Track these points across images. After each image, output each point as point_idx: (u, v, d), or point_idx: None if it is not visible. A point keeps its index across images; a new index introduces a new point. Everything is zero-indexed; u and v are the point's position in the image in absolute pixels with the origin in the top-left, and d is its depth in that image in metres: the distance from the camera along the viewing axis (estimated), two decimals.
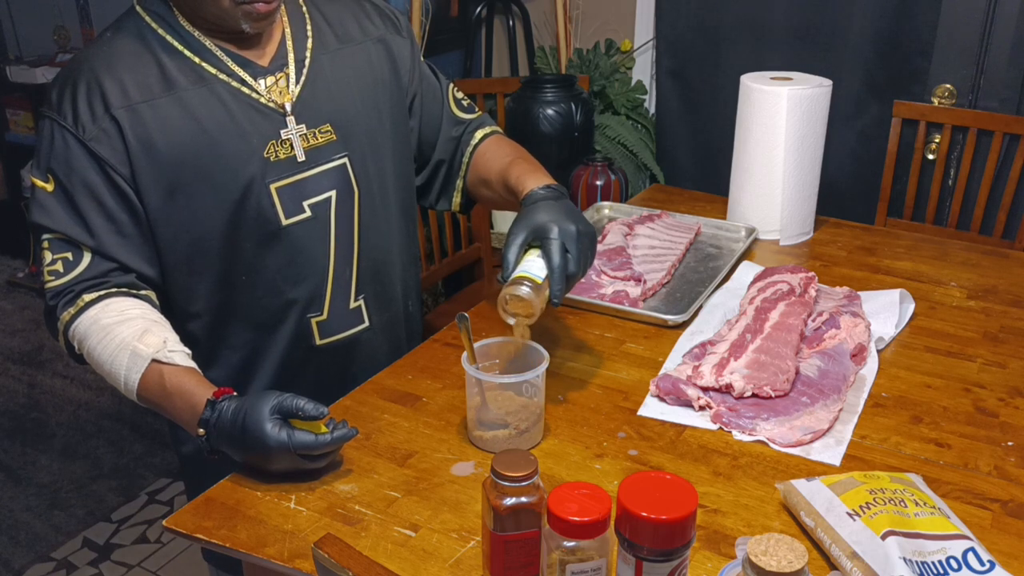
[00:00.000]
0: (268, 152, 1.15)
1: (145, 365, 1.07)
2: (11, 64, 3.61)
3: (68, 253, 1.12)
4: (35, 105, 3.61)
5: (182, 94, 1.12)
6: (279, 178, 1.17)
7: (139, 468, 2.62)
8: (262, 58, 1.17)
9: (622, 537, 0.75)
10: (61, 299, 1.12)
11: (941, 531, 0.87)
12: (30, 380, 3.08)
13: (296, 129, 1.17)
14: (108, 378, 1.12)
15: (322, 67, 1.21)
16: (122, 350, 1.08)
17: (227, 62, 1.15)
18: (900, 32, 2.29)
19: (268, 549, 0.93)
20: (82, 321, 1.11)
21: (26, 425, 2.82)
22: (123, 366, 1.08)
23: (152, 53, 1.13)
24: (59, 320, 1.12)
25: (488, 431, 1.08)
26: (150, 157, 1.11)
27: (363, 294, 1.28)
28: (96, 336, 1.10)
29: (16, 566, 2.25)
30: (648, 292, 1.49)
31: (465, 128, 1.39)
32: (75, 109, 1.09)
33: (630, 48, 2.81)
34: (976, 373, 1.28)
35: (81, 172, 1.10)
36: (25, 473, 2.60)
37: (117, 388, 1.11)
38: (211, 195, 1.14)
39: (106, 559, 2.28)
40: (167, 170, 1.12)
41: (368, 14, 1.29)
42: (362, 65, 1.25)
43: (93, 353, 1.11)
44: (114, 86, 1.10)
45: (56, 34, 3.78)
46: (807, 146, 1.73)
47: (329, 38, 1.23)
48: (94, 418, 2.86)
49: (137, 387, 1.08)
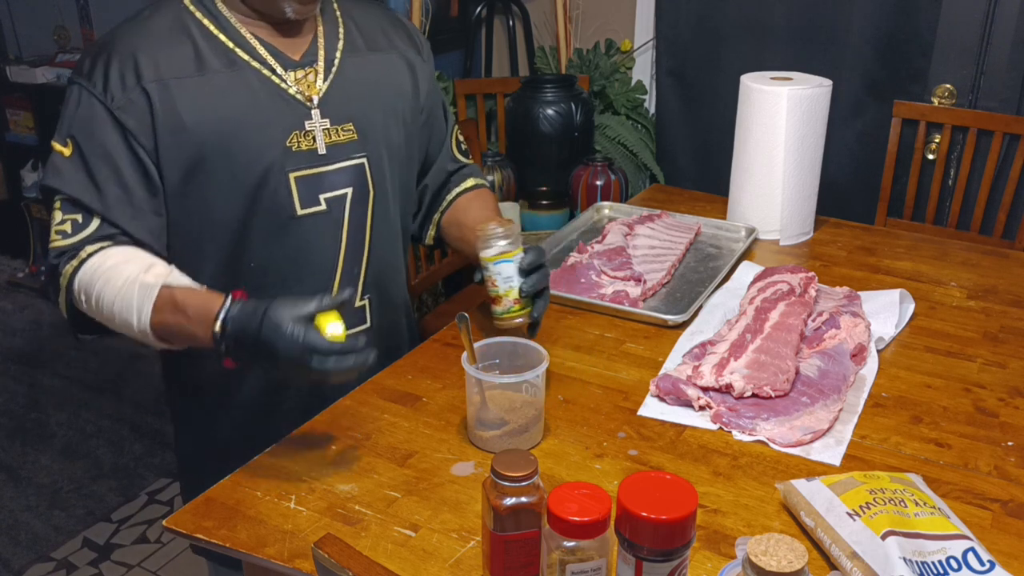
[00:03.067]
0: (291, 141, 1.17)
1: (155, 293, 1.07)
2: (11, 64, 3.61)
3: (78, 215, 1.12)
4: (35, 105, 3.60)
5: (213, 76, 1.14)
6: (298, 168, 1.18)
7: (139, 468, 2.62)
8: (294, 52, 1.20)
9: (622, 537, 0.75)
10: (64, 257, 1.13)
11: (941, 531, 0.87)
12: (30, 380, 3.08)
13: (320, 123, 1.20)
14: (117, 320, 1.10)
15: (349, 68, 1.24)
16: (130, 285, 1.08)
17: (260, 50, 1.17)
18: (900, 32, 2.29)
19: (268, 549, 0.93)
20: (85, 270, 1.11)
21: (26, 425, 2.82)
22: (134, 298, 1.07)
23: (188, 34, 1.15)
24: (62, 275, 1.13)
25: (488, 431, 1.08)
26: (175, 133, 1.12)
27: (368, 294, 1.29)
28: (103, 278, 1.09)
29: (16, 566, 2.25)
30: (648, 292, 1.49)
31: (459, 169, 1.43)
32: (106, 78, 1.11)
33: (630, 48, 2.81)
34: (976, 373, 1.28)
35: (102, 139, 1.11)
36: (25, 473, 2.60)
37: (128, 331, 1.10)
38: (230, 177, 1.15)
39: (106, 559, 2.28)
40: (190, 148, 1.13)
41: (396, 29, 1.33)
42: (386, 74, 1.28)
43: (102, 296, 1.10)
44: (148, 61, 1.12)
45: (56, 34, 3.78)
46: (807, 146, 1.73)
47: (359, 43, 1.27)
48: (94, 418, 2.86)
49: (151, 314, 1.07)
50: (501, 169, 2.65)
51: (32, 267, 3.84)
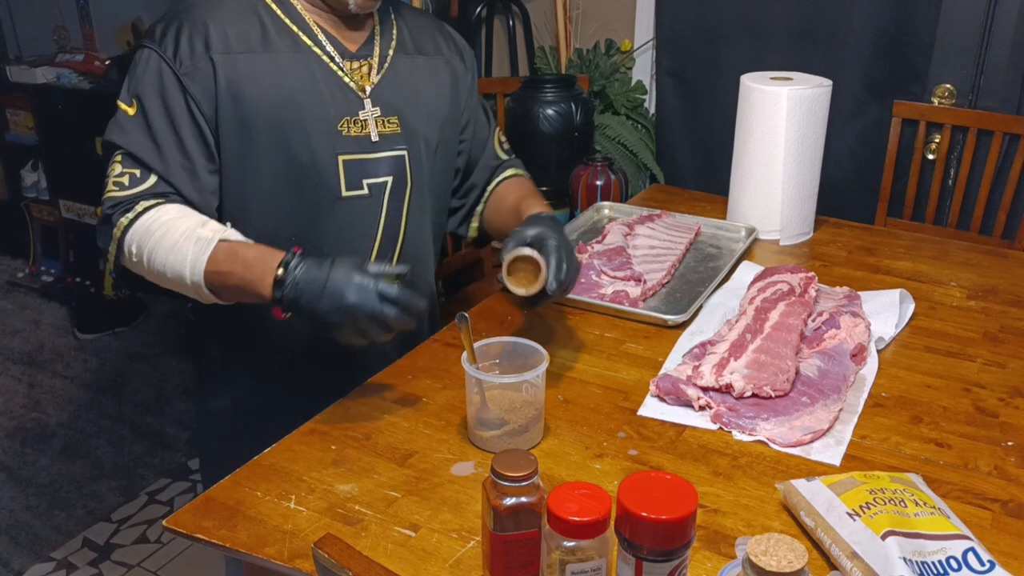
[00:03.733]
0: (342, 126, 1.24)
1: (212, 246, 1.11)
2: (11, 64, 3.60)
3: (137, 170, 1.18)
4: (35, 105, 3.60)
5: (277, 55, 1.21)
6: (347, 152, 1.25)
7: (139, 468, 2.62)
8: (352, 44, 1.28)
9: (622, 537, 0.75)
10: (119, 208, 1.17)
11: (941, 531, 0.87)
12: (30, 380, 3.08)
13: (371, 112, 1.27)
14: (169, 273, 1.13)
15: (400, 67, 1.32)
16: (186, 239, 1.12)
17: (321, 38, 1.25)
18: (900, 32, 2.29)
19: (268, 549, 0.93)
20: (141, 223, 1.15)
21: (26, 425, 2.82)
22: (189, 252, 1.11)
23: (257, 15, 1.22)
24: (115, 226, 1.16)
25: (488, 431, 1.08)
26: (236, 104, 1.18)
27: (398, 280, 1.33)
28: (158, 232, 1.13)
29: (16, 566, 2.25)
30: (648, 292, 1.49)
31: (500, 164, 1.50)
32: (177, 44, 1.17)
33: (630, 48, 2.81)
34: (976, 373, 1.28)
35: (168, 101, 1.17)
36: (25, 473, 2.60)
37: (179, 284, 1.13)
38: (283, 153, 1.21)
39: (106, 559, 2.28)
40: (249, 120, 1.19)
41: (444, 36, 1.41)
42: (430, 76, 1.36)
43: (156, 250, 1.13)
44: (218, 32, 1.18)
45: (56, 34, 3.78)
46: (807, 146, 1.73)
47: (409, 45, 1.35)
48: (94, 418, 2.86)
49: (205, 266, 1.10)
50: None
51: (32, 267, 3.84)
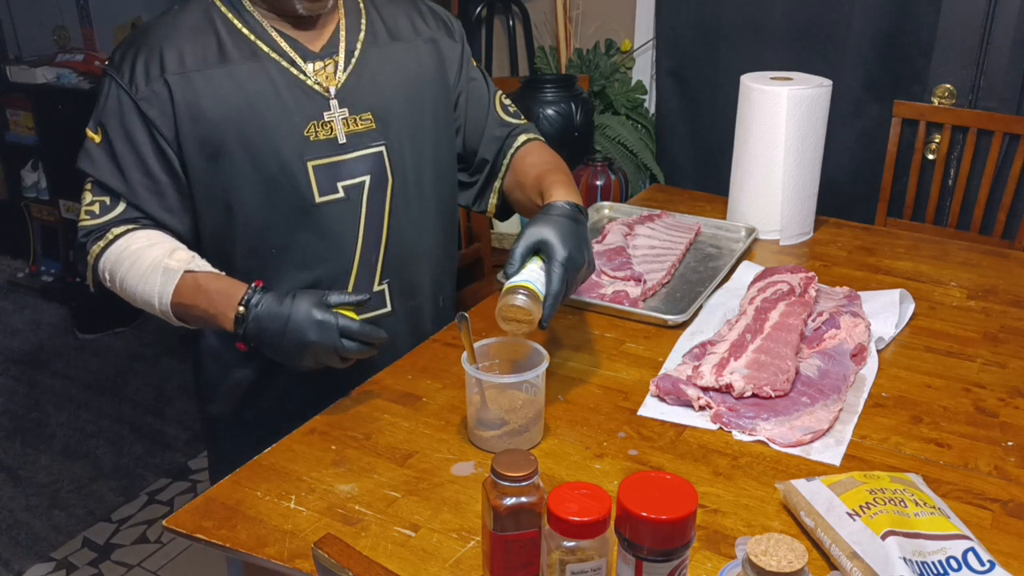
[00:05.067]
0: (309, 131, 1.22)
1: (178, 277, 1.15)
2: (11, 64, 3.60)
3: (106, 198, 1.20)
4: (35, 105, 3.60)
5: (234, 67, 1.19)
6: (317, 157, 1.23)
7: (139, 468, 2.62)
8: (314, 43, 1.24)
9: (622, 537, 0.75)
10: (91, 237, 1.21)
11: (941, 531, 0.87)
12: (30, 380, 3.08)
13: (339, 112, 1.24)
14: (140, 300, 1.18)
15: (370, 59, 1.28)
16: (154, 270, 1.15)
17: (280, 43, 1.22)
18: (900, 32, 2.29)
19: (268, 549, 0.93)
20: (112, 251, 1.19)
21: (26, 425, 2.82)
22: (156, 283, 1.15)
23: (213, 28, 1.21)
24: (89, 254, 1.21)
25: (488, 431, 1.08)
26: (196, 122, 1.18)
27: (388, 279, 1.33)
28: (128, 261, 1.17)
29: (16, 566, 2.25)
30: (648, 292, 1.49)
31: (510, 131, 1.43)
32: (132, 70, 1.18)
33: (630, 48, 2.81)
34: (976, 373, 1.28)
35: (128, 128, 1.18)
36: (25, 473, 2.60)
37: (150, 310, 1.18)
38: (250, 165, 1.20)
39: (106, 559, 2.28)
40: (211, 137, 1.18)
41: (423, 15, 1.37)
42: (410, 63, 1.32)
43: (126, 279, 1.17)
44: (172, 54, 1.18)
45: (56, 34, 3.78)
46: (807, 146, 1.73)
47: (381, 34, 1.31)
48: (94, 418, 2.86)
49: (171, 298, 1.15)
50: None
51: (32, 267, 3.84)
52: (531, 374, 1.07)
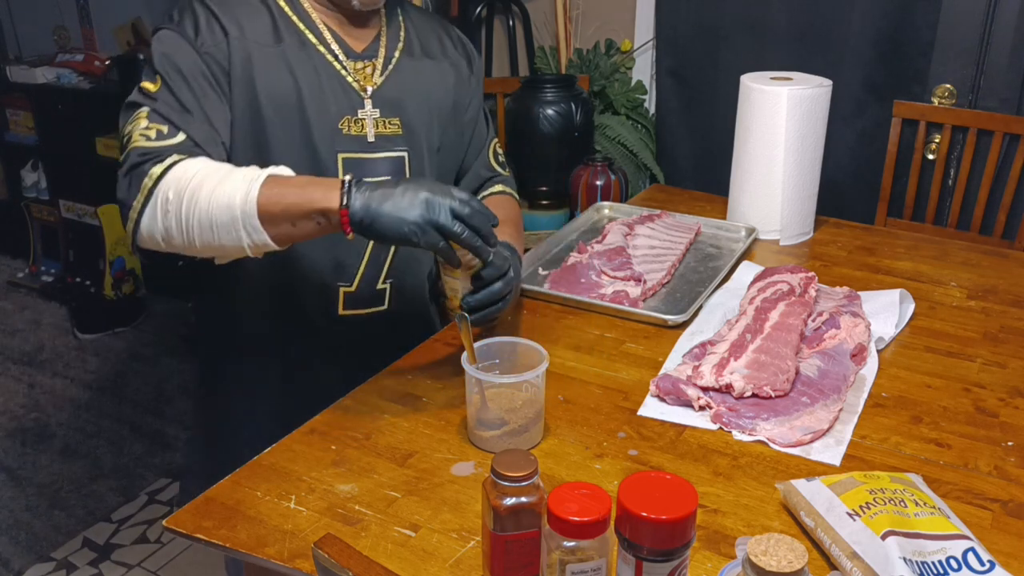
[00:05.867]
0: (343, 124, 1.27)
1: (263, 177, 1.07)
2: (11, 64, 3.61)
3: (164, 127, 1.17)
4: (35, 105, 3.60)
5: (286, 50, 1.24)
6: (347, 150, 1.28)
7: (139, 468, 2.62)
8: (357, 44, 1.30)
9: (622, 537, 0.75)
10: (150, 158, 1.13)
11: (941, 531, 0.87)
12: (30, 380, 3.08)
13: (371, 113, 1.29)
14: (214, 209, 1.07)
15: (404, 68, 1.33)
16: (232, 173, 1.09)
17: (327, 36, 1.27)
18: (900, 32, 2.29)
19: (268, 549, 0.93)
20: (178, 169, 1.11)
21: (26, 425, 2.82)
22: (239, 183, 1.07)
23: (267, 8, 1.25)
24: (148, 175, 1.11)
25: (488, 431, 1.08)
26: (247, 89, 1.21)
27: (391, 279, 1.36)
28: (201, 173, 1.09)
29: (16, 566, 2.25)
30: (648, 292, 1.49)
31: (491, 177, 1.50)
32: (196, 25, 1.20)
33: (630, 48, 2.81)
34: (976, 373, 1.28)
35: (190, 76, 1.18)
36: (25, 473, 2.60)
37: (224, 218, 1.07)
38: (285, 146, 1.24)
39: (106, 559, 2.28)
40: (257, 107, 1.22)
41: (451, 39, 1.43)
42: (435, 79, 1.37)
43: (198, 190, 1.08)
44: (232, 22, 1.21)
45: (56, 34, 3.78)
46: (807, 146, 1.73)
47: (415, 47, 1.36)
48: (94, 418, 2.86)
49: (257, 195, 1.06)
50: None
51: (32, 267, 3.84)
52: (531, 374, 1.07)
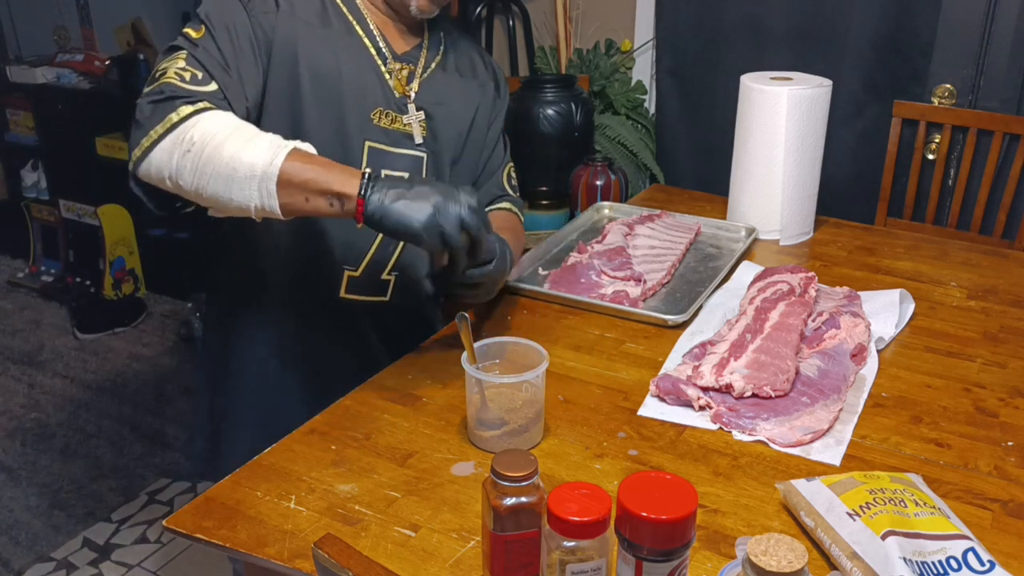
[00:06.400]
0: (375, 115, 1.31)
1: (289, 147, 1.08)
2: (11, 64, 3.61)
3: (200, 72, 1.16)
4: (35, 105, 3.60)
5: (332, 34, 1.28)
6: (373, 139, 1.31)
7: (139, 468, 2.62)
8: (400, 47, 1.34)
9: (622, 537, 0.75)
10: (180, 96, 1.12)
11: (941, 531, 0.87)
12: (30, 380, 3.08)
13: (415, 115, 1.34)
14: (237, 164, 1.07)
15: (438, 79, 1.39)
16: (261, 136, 1.09)
17: (374, 31, 1.31)
18: (900, 32, 2.29)
19: (268, 549, 0.93)
20: (211, 114, 1.11)
21: (26, 425, 2.82)
22: (265, 148, 1.07)
23: None
24: (175, 110, 1.10)
25: (488, 431, 1.08)
26: (288, 65, 1.24)
27: (396, 272, 1.38)
28: (228, 128, 1.09)
29: (16, 566, 2.25)
30: (648, 292, 1.49)
31: (501, 195, 1.53)
32: None
33: (630, 48, 2.81)
34: (976, 373, 1.28)
35: (237, 30, 1.20)
36: (25, 473, 2.60)
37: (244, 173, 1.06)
38: (319, 123, 1.26)
39: (106, 559, 2.28)
40: (294, 84, 1.24)
41: (485, 63, 1.48)
42: (464, 95, 1.42)
43: (225, 143, 1.07)
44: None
45: (56, 34, 3.78)
46: (807, 146, 1.73)
47: (451, 62, 1.41)
48: (94, 418, 2.86)
49: (283, 161, 1.06)
50: None
51: (32, 267, 3.84)
52: (531, 374, 1.07)
